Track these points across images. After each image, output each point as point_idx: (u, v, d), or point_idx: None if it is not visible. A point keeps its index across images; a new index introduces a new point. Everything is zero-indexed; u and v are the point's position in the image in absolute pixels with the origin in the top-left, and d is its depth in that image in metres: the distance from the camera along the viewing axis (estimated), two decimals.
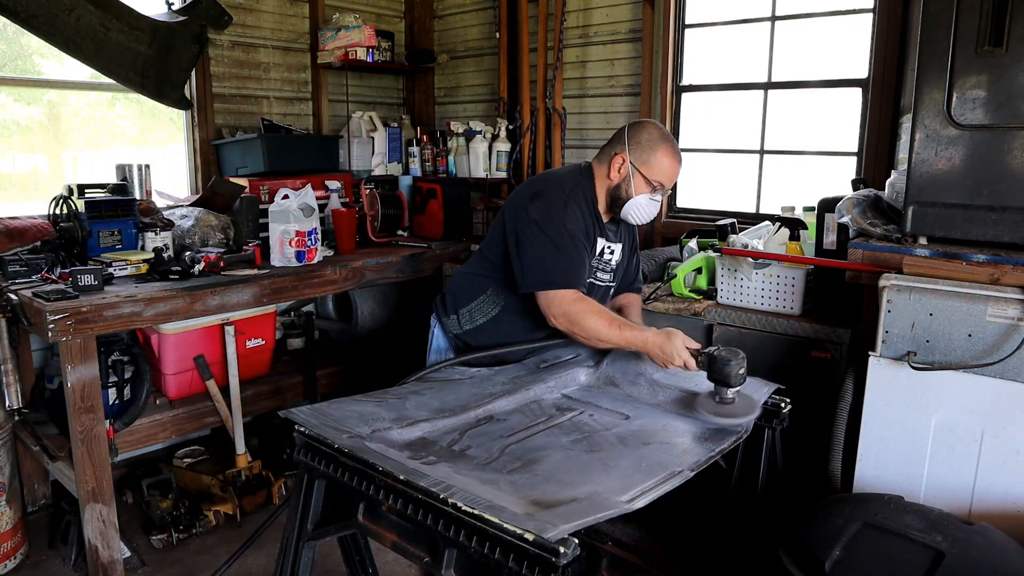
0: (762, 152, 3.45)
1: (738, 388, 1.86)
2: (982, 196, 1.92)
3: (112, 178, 3.39)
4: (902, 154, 2.74)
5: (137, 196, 3.31)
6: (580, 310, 2.05)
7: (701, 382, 2.03)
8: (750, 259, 2.62)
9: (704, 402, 1.90)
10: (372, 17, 4.45)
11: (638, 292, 2.52)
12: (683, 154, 3.60)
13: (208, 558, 2.89)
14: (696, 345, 1.97)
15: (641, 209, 2.20)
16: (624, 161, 2.15)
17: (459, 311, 2.33)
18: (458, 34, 4.59)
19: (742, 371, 1.84)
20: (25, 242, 2.86)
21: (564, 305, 2.06)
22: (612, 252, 2.30)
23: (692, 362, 1.95)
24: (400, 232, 3.99)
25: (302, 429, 1.73)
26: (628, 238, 2.38)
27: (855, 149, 3.15)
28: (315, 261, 3.22)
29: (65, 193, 2.99)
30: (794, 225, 2.68)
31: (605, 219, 2.24)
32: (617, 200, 2.19)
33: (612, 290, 2.38)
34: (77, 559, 2.82)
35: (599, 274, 2.28)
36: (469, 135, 4.09)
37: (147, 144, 3.91)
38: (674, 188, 3.74)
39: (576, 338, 2.09)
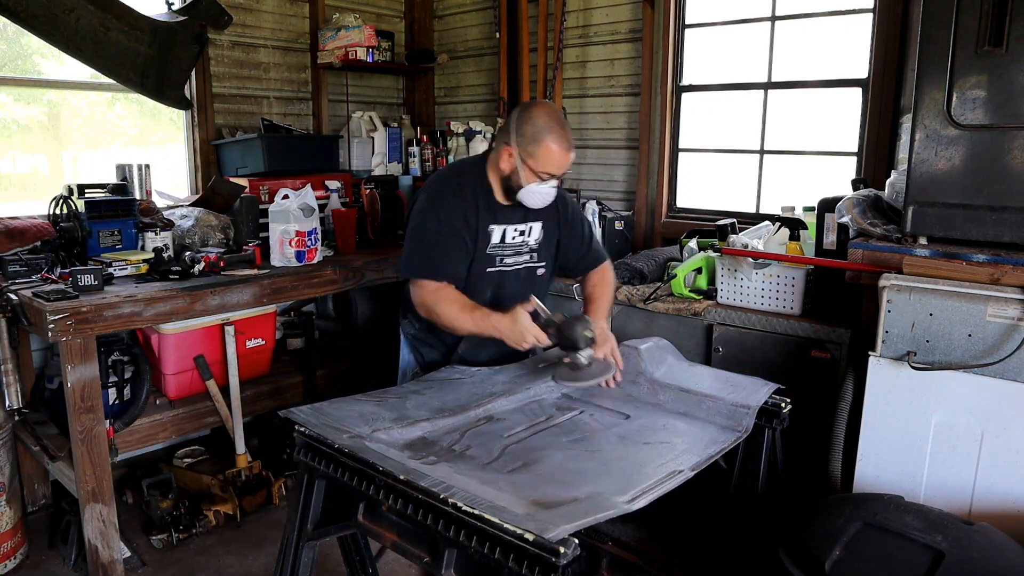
0: (762, 152, 3.45)
1: (590, 351, 1.97)
2: (982, 196, 1.92)
3: (112, 178, 3.39)
4: (902, 154, 2.74)
5: (137, 196, 3.31)
6: (437, 299, 2.10)
7: (702, 383, 2.03)
8: (750, 259, 2.62)
9: (560, 371, 2.01)
10: (372, 17, 4.45)
11: (600, 263, 2.44)
12: (683, 154, 3.71)
13: (208, 558, 2.89)
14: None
15: (535, 196, 2.17)
16: (511, 153, 2.13)
17: (408, 314, 2.37)
18: (458, 34, 4.59)
19: (588, 333, 1.96)
20: (25, 242, 2.86)
21: (424, 295, 2.12)
22: (523, 233, 2.27)
23: (543, 336, 2.00)
24: (400, 232, 3.98)
25: (302, 429, 1.73)
26: (553, 215, 2.32)
27: (855, 149, 3.15)
28: (315, 261, 3.22)
29: (65, 193, 2.99)
30: (794, 225, 2.68)
31: (506, 202, 2.22)
32: (510, 189, 2.17)
33: (545, 271, 2.35)
34: (77, 559, 2.82)
35: (507, 259, 2.26)
36: (469, 135, 4.09)
37: (147, 144, 3.91)
38: (674, 188, 3.76)
39: (438, 326, 2.15)
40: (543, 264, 2.34)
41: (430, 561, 1.48)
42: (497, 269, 2.24)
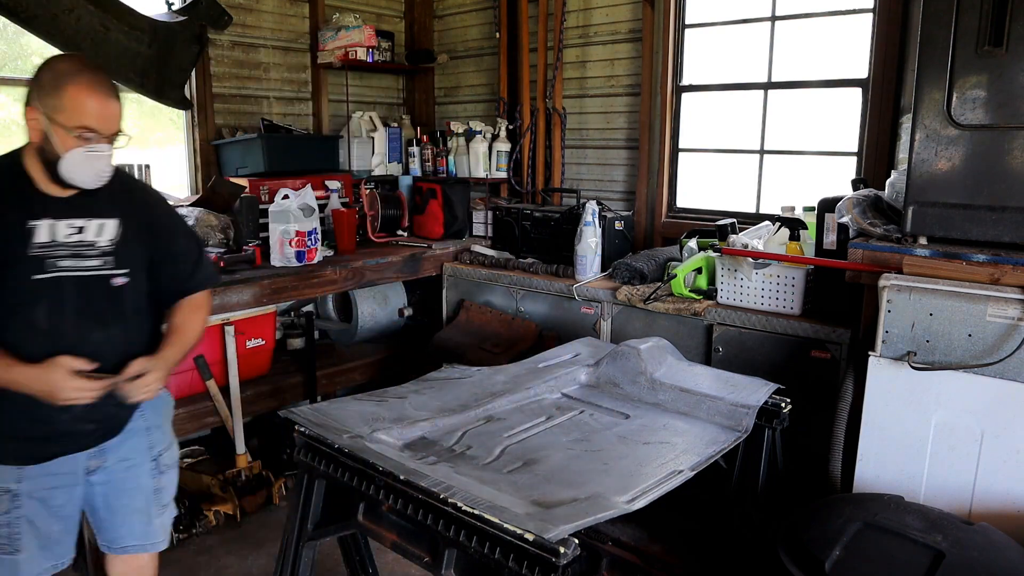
0: (762, 152, 3.45)
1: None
2: (982, 196, 1.92)
3: None
4: (902, 154, 2.74)
5: None
6: None
7: (702, 383, 2.04)
8: (750, 259, 2.62)
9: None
10: (372, 17, 4.45)
11: (203, 288, 1.97)
12: (683, 154, 3.70)
13: (208, 558, 2.89)
14: (91, 366, 1.66)
15: (80, 168, 1.67)
16: (37, 113, 1.65)
17: None
18: (458, 34, 4.59)
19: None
20: None
21: None
22: (82, 230, 1.73)
23: (95, 385, 1.65)
24: (400, 232, 4.00)
25: (302, 429, 1.74)
26: (135, 212, 1.83)
27: (855, 149, 3.15)
28: (315, 261, 3.22)
29: None
30: (794, 225, 2.68)
31: (60, 192, 1.71)
32: (50, 164, 1.67)
33: (127, 282, 1.79)
34: (77, 559, 2.81)
35: (63, 262, 1.69)
36: (469, 135, 4.09)
37: (147, 144, 3.91)
38: (674, 188, 3.75)
39: None
40: (124, 272, 1.78)
41: (430, 561, 1.48)
42: (51, 275, 1.68)
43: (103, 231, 1.76)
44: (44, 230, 1.69)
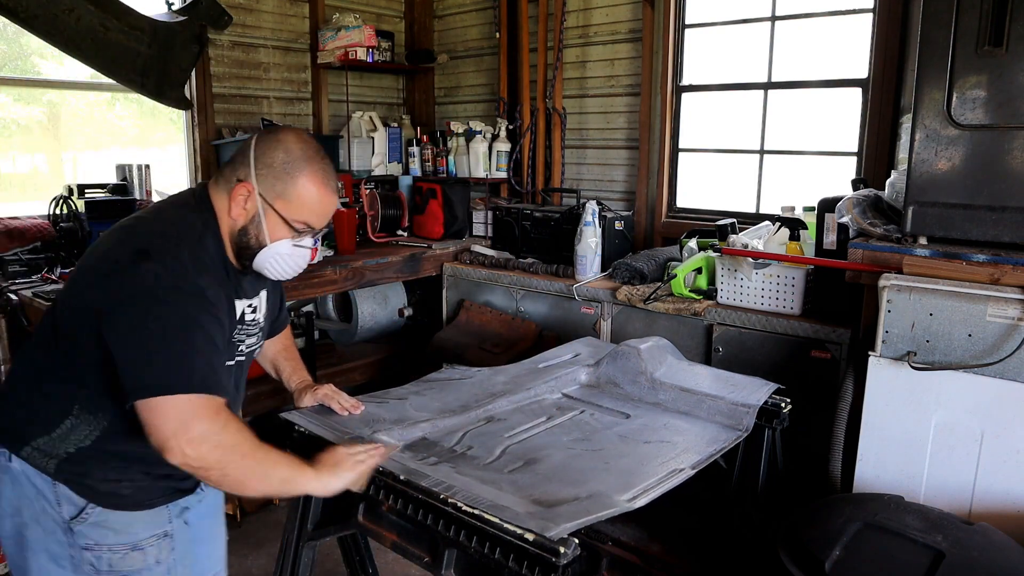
0: (762, 152, 3.45)
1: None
2: (982, 196, 1.92)
3: (112, 178, 3.39)
4: (902, 154, 2.73)
5: (137, 196, 3.31)
6: (222, 432, 1.32)
7: (702, 382, 2.04)
8: (750, 259, 2.62)
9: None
10: (372, 17, 4.45)
11: (285, 326, 1.97)
12: (683, 154, 3.71)
13: None
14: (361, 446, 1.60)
15: (281, 261, 1.53)
16: (251, 192, 1.45)
17: (32, 442, 1.41)
18: (458, 34, 4.59)
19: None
20: (25, 242, 2.87)
21: (208, 426, 1.30)
22: (256, 309, 1.62)
23: (381, 451, 1.56)
24: (400, 232, 4.00)
25: (302, 429, 1.74)
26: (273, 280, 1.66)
27: (855, 149, 3.15)
28: (315, 261, 3.21)
29: (65, 193, 2.99)
30: (794, 225, 2.68)
31: (238, 265, 1.53)
32: (247, 249, 1.49)
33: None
34: None
35: (243, 345, 1.60)
36: (469, 135, 4.09)
37: (147, 144, 3.91)
38: (674, 188, 3.75)
39: (208, 481, 1.38)
40: (262, 343, 1.74)
41: (430, 561, 1.48)
42: (235, 361, 1.58)
43: (261, 305, 1.64)
44: (238, 313, 1.54)
